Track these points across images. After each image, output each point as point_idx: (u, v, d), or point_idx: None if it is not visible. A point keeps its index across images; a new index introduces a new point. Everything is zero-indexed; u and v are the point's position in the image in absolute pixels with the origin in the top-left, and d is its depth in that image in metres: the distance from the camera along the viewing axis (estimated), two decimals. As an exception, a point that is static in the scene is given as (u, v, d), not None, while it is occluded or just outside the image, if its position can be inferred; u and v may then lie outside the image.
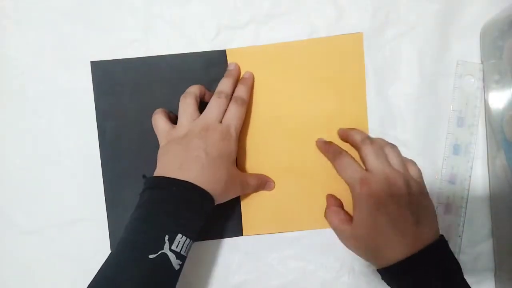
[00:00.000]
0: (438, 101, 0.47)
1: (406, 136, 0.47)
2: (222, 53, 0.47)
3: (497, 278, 0.46)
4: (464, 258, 0.47)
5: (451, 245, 0.46)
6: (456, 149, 0.47)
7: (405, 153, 0.47)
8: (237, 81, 0.46)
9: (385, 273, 0.38)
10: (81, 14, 0.47)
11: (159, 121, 0.43)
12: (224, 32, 0.47)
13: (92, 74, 0.47)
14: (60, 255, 0.47)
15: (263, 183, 0.46)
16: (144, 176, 0.41)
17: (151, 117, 0.45)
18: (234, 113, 0.43)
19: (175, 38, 0.47)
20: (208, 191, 0.38)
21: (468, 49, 0.47)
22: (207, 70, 0.47)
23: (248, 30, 0.47)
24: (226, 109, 0.43)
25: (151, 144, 0.46)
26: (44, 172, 0.47)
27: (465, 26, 0.47)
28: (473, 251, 0.47)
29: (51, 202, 0.47)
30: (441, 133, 0.47)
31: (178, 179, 0.37)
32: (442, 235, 0.38)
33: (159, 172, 0.39)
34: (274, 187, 0.47)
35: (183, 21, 0.47)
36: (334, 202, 0.45)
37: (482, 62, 0.47)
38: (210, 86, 0.47)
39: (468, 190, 0.47)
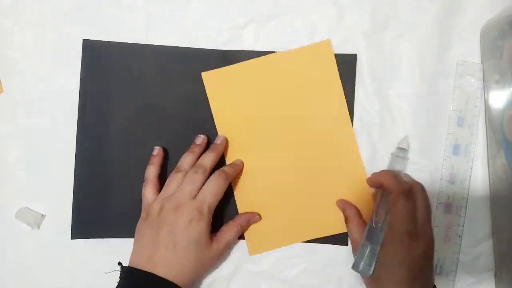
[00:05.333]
0: (438, 101, 0.47)
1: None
2: (219, 53, 0.47)
3: (497, 278, 0.46)
4: (464, 258, 0.46)
5: (451, 245, 0.46)
6: (456, 149, 0.47)
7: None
8: (220, 155, 0.46)
9: None
10: (81, 14, 0.47)
11: (145, 192, 0.44)
12: (224, 32, 0.47)
13: (82, 52, 0.47)
14: (60, 255, 0.47)
15: (245, 225, 0.46)
16: (119, 264, 0.43)
17: (135, 105, 0.46)
18: (211, 189, 0.42)
19: (175, 38, 0.47)
20: (176, 282, 0.40)
21: (468, 49, 0.47)
22: (202, 67, 0.47)
23: (248, 30, 0.47)
24: (203, 184, 0.43)
25: (129, 131, 0.47)
26: (44, 172, 0.47)
27: (465, 26, 0.47)
28: (473, 251, 0.47)
29: (51, 202, 0.47)
30: (441, 133, 0.47)
31: (147, 273, 0.40)
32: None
33: (132, 259, 0.42)
34: (260, 218, 0.46)
35: (183, 21, 0.47)
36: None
37: (482, 62, 0.47)
38: (202, 84, 0.47)
39: (468, 190, 0.47)
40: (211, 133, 0.47)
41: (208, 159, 0.44)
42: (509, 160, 0.42)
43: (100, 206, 0.47)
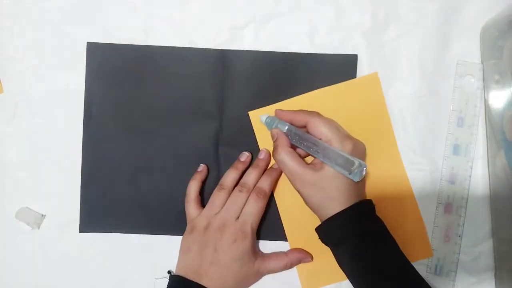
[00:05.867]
0: (438, 101, 0.47)
1: (406, 136, 0.47)
2: (219, 53, 0.47)
3: (497, 278, 0.46)
4: (464, 258, 0.47)
5: (451, 245, 0.46)
6: (456, 149, 0.47)
7: (405, 152, 0.47)
8: (264, 171, 0.46)
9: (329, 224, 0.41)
10: (81, 14, 0.47)
11: (189, 208, 0.46)
12: (224, 32, 0.47)
13: (86, 54, 0.47)
14: (60, 255, 0.47)
15: (295, 263, 0.46)
16: (169, 272, 0.45)
17: (136, 104, 0.47)
18: (251, 211, 0.44)
19: (175, 38, 0.47)
20: None
21: (468, 49, 0.47)
22: (202, 67, 0.47)
23: (248, 30, 0.47)
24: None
25: (133, 130, 0.47)
26: (44, 172, 0.47)
27: (465, 26, 0.47)
28: (473, 251, 0.47)
29: (51, 202, 0.47)
30: (441, 133, 0.47)
31: (194, 282, 0.42)
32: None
33: (179, 270, 0.44)
34: (312, 259, 0.46)
35: (183, 21, 0.47)
36: (286, 142, 0.43)
37: (482, 62, 0.47)
38: (203, 83, 0.47)
39: (468, 190, 0.47)
40: (211, 132, 0.47)
41: (252, 176, 0.45)
42: (509, 160, 0.42)
43: (107, 202, 0.47)
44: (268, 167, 0.47)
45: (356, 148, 0.42)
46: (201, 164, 0.47)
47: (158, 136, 0.47)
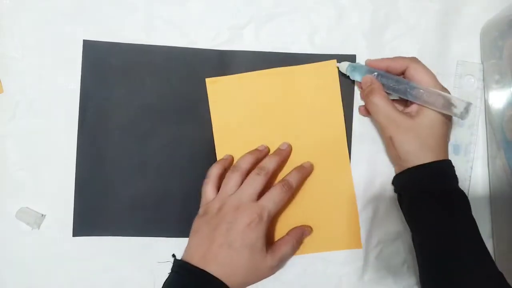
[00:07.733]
0: (438, 101, 0.47)
1: (406, 136, 0.47)
2: (219, 53, 0.47)
3: (497, 278, 0.46)
4: (464, 258, 0.47)
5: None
6: (456, 149, 0.47)
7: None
8: (284, 162, 0.46)
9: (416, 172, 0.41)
10: (81, 14, 0.47)
11: (206, 189, 0.44)
12: (224, 32, 0.47)
13: (82, 53, 0.47)
14: (60, 255, 0.47)
15: (299, 238, 0.45)
16: (173, 256, 0.43)
17: (134, 104, 0.46)
18: (274, 197, 0.42)
19: (175, 38, 0.47)
20: (226, 283, 0.39)
21: (468, 49, 0.47)
22: (201, 67, 0.47)
23: (248, 30, 0.47)
24: (264, 187, 0.42)
25: (129, 130, 0.47)
26: (44, 172, 0.47)
27: (465, 26, 0.47)
28: (473, 251, 0.47)
29: (51, 202, 0.47)
30: (441, 133, 0.47)
31: (199, 269, 0.39)
32: None
33: (186, 254, 0.42)
34: (312, 230, 0.46)
35: (183, 21, 0.47)
36: (381, 87, 0.43)
37: (482, 62, 0.47)
38: (202, 83, 0.47)
39: (468, 190, 0.47)
40: (210, 132, 0.47)
41: (272, 162, 0.44)
42: (509, 160, 0.42)
43: (101, 204, 0.47)
44: (299, 164, 0.46)
45: None
46: (227, 154, 0.46)
47: (156, 136, 0.47)
